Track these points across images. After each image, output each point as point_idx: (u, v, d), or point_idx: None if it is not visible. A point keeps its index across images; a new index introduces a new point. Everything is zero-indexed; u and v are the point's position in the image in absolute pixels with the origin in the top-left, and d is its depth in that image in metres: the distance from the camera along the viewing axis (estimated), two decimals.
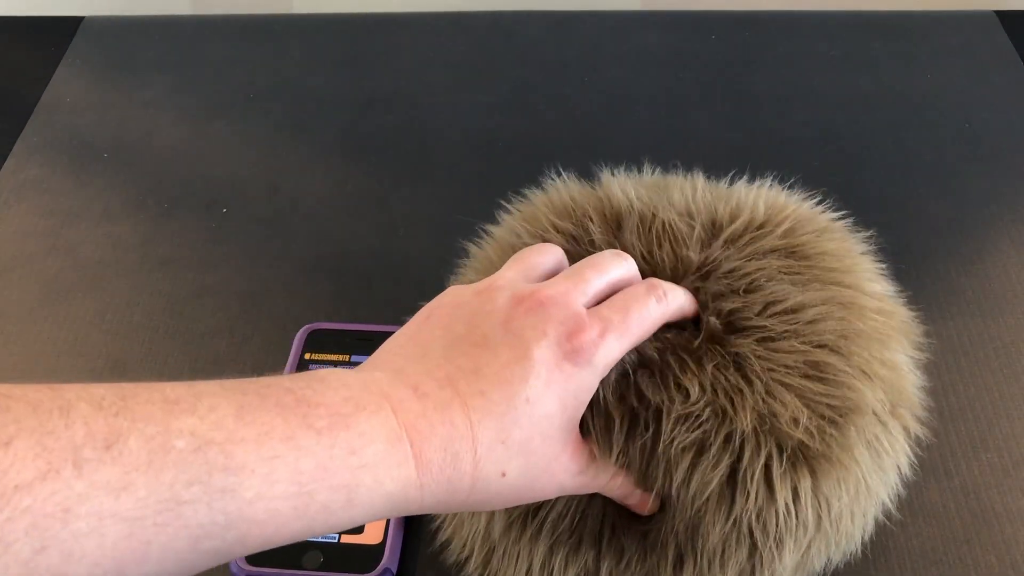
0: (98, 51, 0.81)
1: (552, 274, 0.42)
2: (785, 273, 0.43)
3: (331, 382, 0.35)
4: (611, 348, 0.39)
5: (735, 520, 0.40)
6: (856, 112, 0.73)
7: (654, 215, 0.46)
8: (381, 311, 0.60)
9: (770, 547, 0.40)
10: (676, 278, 0.44)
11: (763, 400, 0.40)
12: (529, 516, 0.43)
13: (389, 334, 0.57)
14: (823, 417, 0.40)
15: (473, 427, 0.35)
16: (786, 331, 0.41)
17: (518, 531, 0.43)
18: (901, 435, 0.44)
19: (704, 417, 0.40)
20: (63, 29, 0.83)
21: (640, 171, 0.51)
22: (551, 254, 0.44)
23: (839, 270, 0.45)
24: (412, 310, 0.59)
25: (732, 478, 0.40)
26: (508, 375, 0.36)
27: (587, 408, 0.39)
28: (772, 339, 0.41)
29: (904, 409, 0.44)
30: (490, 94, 0.76)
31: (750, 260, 0.44)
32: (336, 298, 0.61)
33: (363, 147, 0.72)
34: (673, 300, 0.41)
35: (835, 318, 0.42)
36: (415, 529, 0.50)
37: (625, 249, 0.44)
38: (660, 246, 0.45)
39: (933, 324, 0.51)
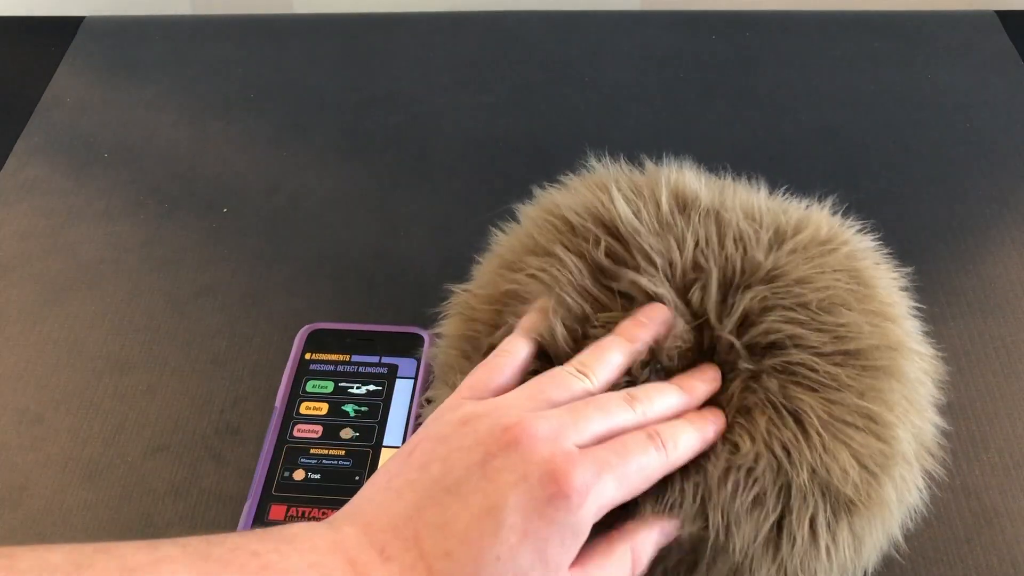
0: (98, 51, 0.81)
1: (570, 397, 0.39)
2: (854, 299, 0.43)
3: (299, 544, 0.33)
4: (607, 490, 0.35)
5: (780, 563, 0.40)
6: (856, 112, 0.73)
7: (719, 212, 0.45)
8: (381, 311, 0.60)
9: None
10: (743, 280, 0.43)
11: (821, 457, 0.40)
12: None
13: (389, 334, 0.57)
14: (868, 470, 0.40)
15: None
16: (845, 384, 0.41)
17: None
18: (920, 475, 0.44)
19: (759, 469, 0.39)
20: (63, 29, 0.83)
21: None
22: (512, 356, 0.42)
23: (891, 304, 0.45)
24: (412, 310, 0.59)
25: (779, 524, 0.40)
26: (477, 531, 0.34)
27: None
28: (835, 390, 0.41)
29: (924, 450, 0.44)
30: (490, 94, 0.76)
31: (821, 272, 0.43)
32: (336, 298, 0.61)
33: (363, 147, 0.72)
34: (674, 449, 0.38)
35: (895, 368, 0.42)
36: None
37: (685, 232, 0.43)
38: (723, 245, 0.44)
39: (933, 324, 0.51)
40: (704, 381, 0.42)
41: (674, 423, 0.39)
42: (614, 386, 0.41)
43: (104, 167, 0.71)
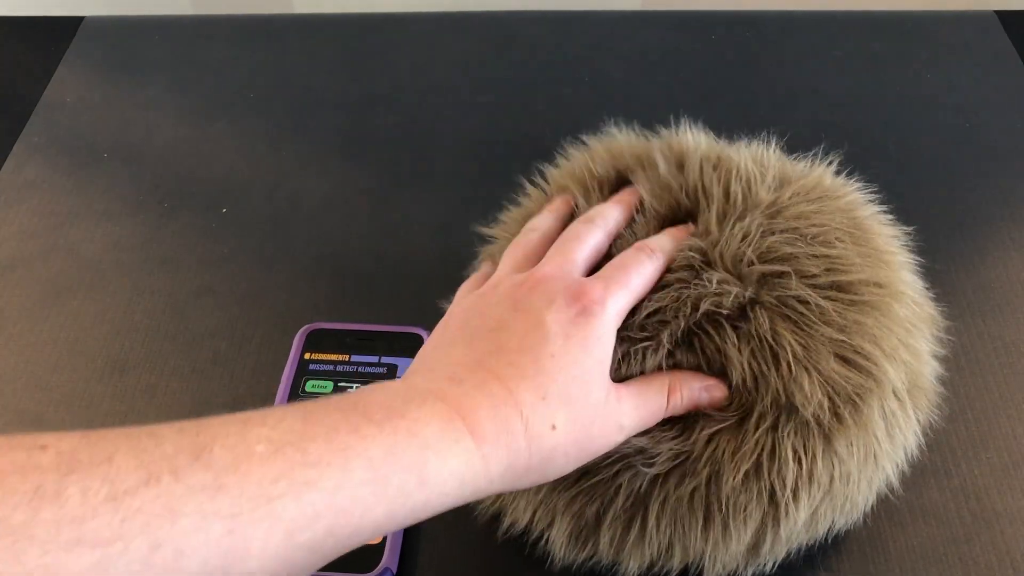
0: (98, 51, 0.81)
1: (540, 251, 0.46)
2: (850, 239, 0.45)
3: (377, 389, 0.38)
4: (618, 299, 0.42)
5: (758, 475, 0.42)
6: (856, 112, 0.73)
7: (719, 158, 0.48)
8: (381, 311, 0.60)
9: (788, 503, 0.42)
10: (744, 209, 0.46)
11: (784, 384, 0.42)
12: None
13: (389, 334, 0.57)
14: (840, 396, 0.42)
15: (512, 393, 0.38)
16: (829, 318, 0.43)
17: None
18: (913, 416, 0.45)
19: (733, 401, 0.43)
20: (63, 29, 0.83)
21: None
22: (538, 231, 0.48)
23: (889, 252, 0.47)
24: (412, 310, 0.59)
25: (756, 437, 0.42)
26: (529, 342, 0.40)
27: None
28: (817, 324, 0.43)
29: (920, 391, 0.46)
30: (490, 94, 0.76)
31: (819, 212, 0.46)
32: (336, 298, 0.61)
33: (363, 147, 0.72)
34: (660, 251, 0.45)
35: (882, 304, 0.44)
36: (415, 529, 0.50)
37: (685, 183, 0.48)
38: (727, 183, 0.47)
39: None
40: (627, 193, 0.49)
41: (654, 236, 0.46)
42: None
43: (104, 167, 0.71)
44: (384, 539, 0.48)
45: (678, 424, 0.43)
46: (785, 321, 0.43)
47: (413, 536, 0.50)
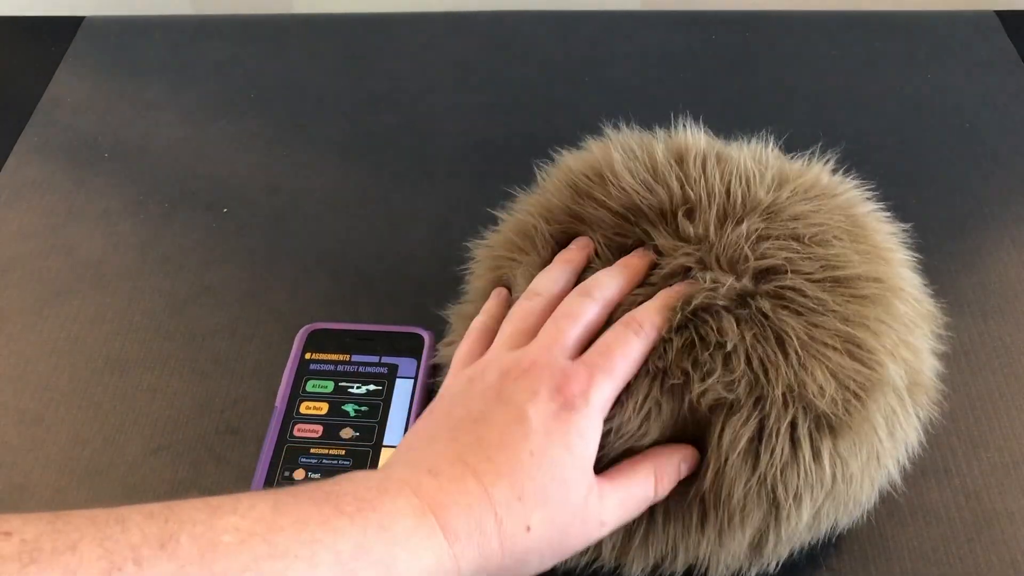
0: (98, 51, 0.81)
1: (538, 326, 0.44)
2: (848, 237, 0.45)
3: (354, 478, 0.38)
4: (603, 390, 0.41)
5: (760, 476, 0.42)
6: (856, 112, 0.73)
7: (719, 155, 0.48)
8: (381, 311, 0.60)
9: (790, 504, 0.42)
10: (743, 213, 0.46)
11: (796, 374, 0.42)
12: None
13: (389, 334, 0.57)
14: (848, 390, 0.42)
15: (487, 490, 0.37)
16: (830, 308, 0.43)
17: None
18: (914, 413, 0.46)
19: (739, 383, 0.42)
20: (63, 29, 0.83)
21: None
22: (542, 297, 0.46)
23: (888, 249, 0.47)
24: (412, 310, 0.59)
25: (759, 435, 0.42)
26: (509, 438, 0.39)
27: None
28: (820, 314, 0.43)
29: (920, 389, 0.46)
30: (490, 94, 0.76)
31: (816, 211, 0.46)
32: (336, 298, 0.61)
33: (363, 147, 0.72)
34: (651, 324, 0.43)
35: (882, 299, 0.44)
36: None
37: (686, 178, 0.47)
38: (726, 181, 0.47)
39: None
40: (636, 257, 0.47)
41: (643, 305, 0.44)
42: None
43: (104, 167, 0.71)
44: None
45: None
46: (786, 310, 0.43)
47: None
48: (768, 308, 0.43)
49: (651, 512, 0.43)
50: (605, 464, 0.42)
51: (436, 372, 0.54)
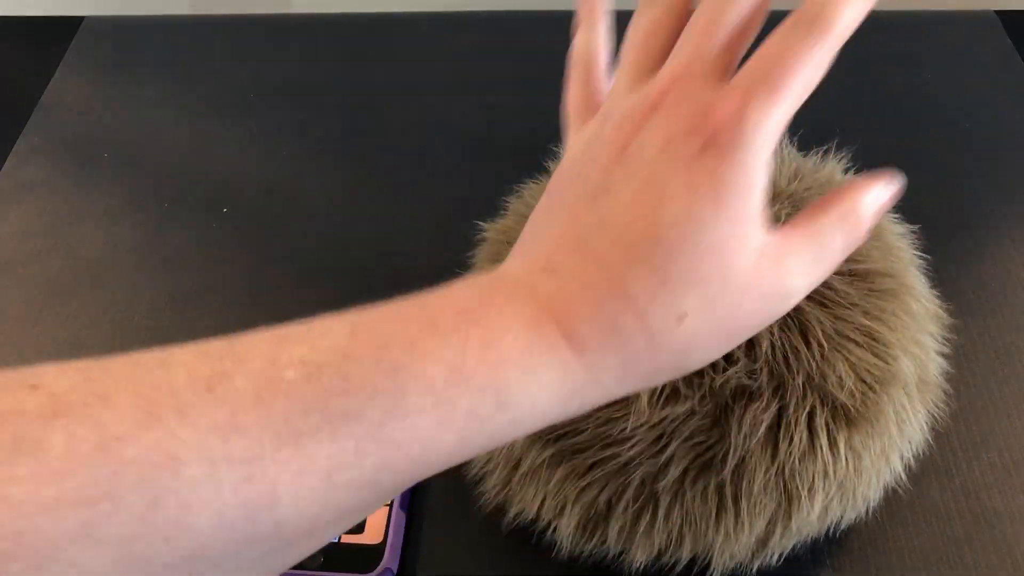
0: (98, 51, 0.81)
1: (668, 40, 0.34)
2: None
3: (460, 284, 0.31)
4: (765, 115, 0.29)
5: (779, 465, 0.42)
6: (856, 112, 0.73)
7: None
8: None
9: (803, 495, 0.42)
10: (769, 200, 0.46)
11: (817, 364, 0.42)
12: (551, 440, 0.44)
13: None
14: (865, 383, 0.43)
15: (621, 281, 0.30)
16: (853, 302, 0.44)
17: (538, 449, 0.44)
18: (921, 410, 0.46)
19: (762, 372, 0.42)
20: (63, 29, 0.83)
21: None
22: (661, 4, 0.34)
23: (900, 248, 0.48)
24: None
25: (778, 423, 0.42)
26: (638, 209, 0.30)
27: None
28: (845, 307, 0.43)
29: (926, 387, 0.46)
30: (490, 94, 0.76)
31: None
32: (336, 298, 0.61)
33: (363, 147, 0.72)
34: (840, 26, 0.30)
35: (898, 295, 0.45)
36: (415, 528, 0.50)
37: None
38: None
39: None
40: None
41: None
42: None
43: (104, 167, 0.71)
44: (384, 539, 0.48)
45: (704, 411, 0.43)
46: (811, 302, 0.43)
47: (414, 536, 0.50)
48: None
49: (658, 498, 0.43)
50: None
51: None
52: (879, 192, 0.34)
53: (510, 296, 0.30)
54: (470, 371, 0.28)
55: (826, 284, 0.43)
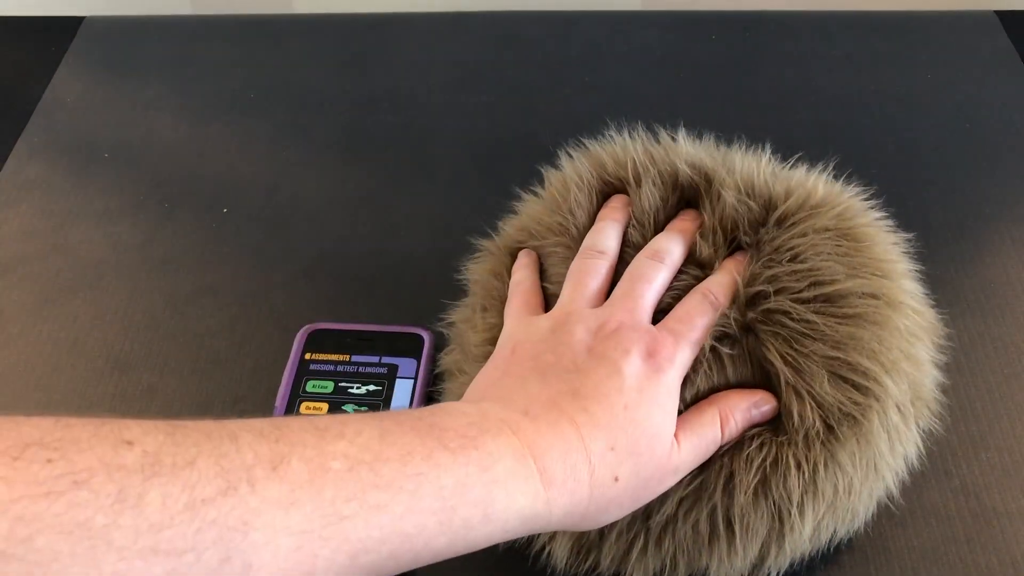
0: (98, 51, 0.81)
1: (607, 284, 0.46)
2: (836, 252, 0.45)
3: (451, 411, 0.38)
4: (685, 354, 0.43)
5: (767, 493, 0.42)
6: (856, 112, 0.73)
7: (709, 180, 0.48)
8: (381, 311, 0.60)
9: (794, 515, 0.43)
10: (728, 252, 0.47)
11: (781, 408, 0.43)
12: None
13: (389, 334, 0.57)
14: (837, 416, 0.42)
15: (583, 439, 0.38)
16: (825, 332, 0.43)
17: None
18: (915, 426, 0.46)
19: None
20: (63, 29, 0.83)
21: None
22: (605, 256, 0.47)
23: (886, 260, 0.46)
24: (412, 310, 0.59)
25: (761, 456, 0.43)
26: (605, 390, 0.40)
27: None
28: (811, 339, 0.43)
29: (921, 403, 0.46)
30: (490, 94, 0.76)
31: (801, 236, 0.46)
32: (336, 298, 0.61)
33: (363, 147, 0.72)
34: (724, 298, 0.45)
35: (878, 317, 0.44)
36: None
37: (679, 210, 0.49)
38: (721, 220, 0.47)
39: None
40: (687, 220, 0.49)
41: (714, 278, 0.46)
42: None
43: (104, 167, 0.71)
44: None
45: None
46: (776, 339, 0.43)
47: None
48: (755, 347, 0.44)
49: (649, 528, 0.43)
50: None
51: (439, 380, 0.54)
52: (742, 409, 0.43)
53: (499, 430, 0.37)
54: (471, 485, 0.35)
55: (789, 316, 0.43)
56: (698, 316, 0.44)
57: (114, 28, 0.83)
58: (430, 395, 0.54)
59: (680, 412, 0.42)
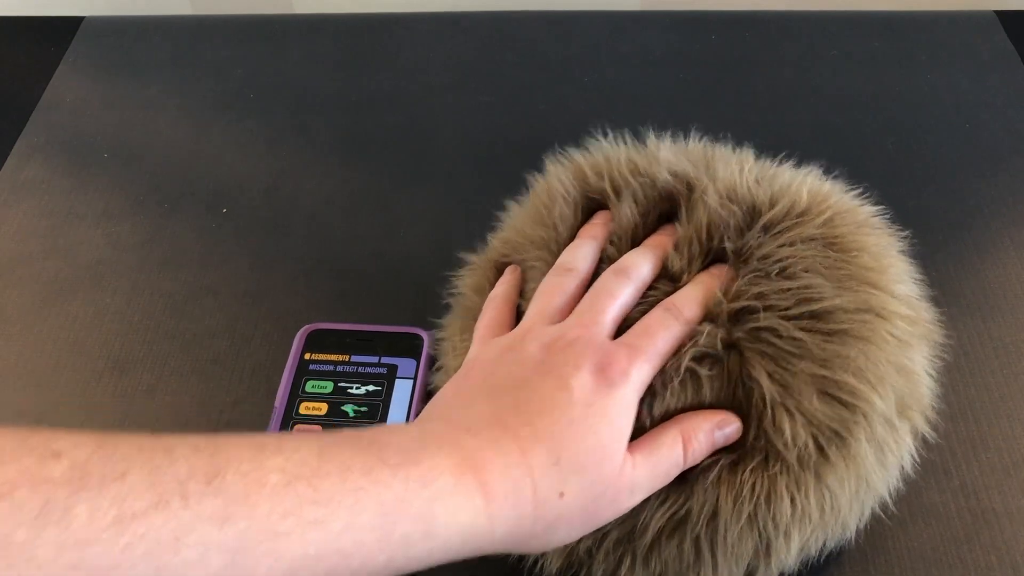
0: (98, 51, 0.81)
1: (573, 301, 0.45)
2: (822, 265, 0.44)
3: (393, 429, 0.38)
4: (642, 370, 0.41)
5: (750, 514, 0.42)
6: (856, 112, 0.73)
7: (691, 188, 0.47)
8: (381, 311, 0.60)
9: (780, 538, 0.42)
10: (712, 262, 0.46)
11: (767, 431, 0.42)
12: None
13: (389, 334, 0.57)
14: (826, 434, 0.42)
15: (525, 454, 0.37)
16: (813, 352, 0.42)
17: None
18: (908, 435, 0.45)
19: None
20: (63, 29, 0.83)
21: None
22: (574, 274, 0.46)
23: (875, 269, 0.45)
24: (412, 310, 0.59)
25: (743, 478, 0.42)
26: (550, 404, 0.39)
27: None
28: (798, 358, 0.42)
29: (914, 411, 0.45)
30: (490, 94, 0.76)
31: (788, 246, 0.44)
32: (336, 298, 0.61)
33: (363, 147, 0.72)
34: (690, 311, 0.43)
35: (865, 332, 0.42)
36: None
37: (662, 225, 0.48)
38: (699, 230, 0.46)
39: None
40: (663, 235, 0.48)
41: (682, 292, 0.44)
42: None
43: (104, 167, 0.71)
44: None
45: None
46: (762, 358, 0.42)
47: None
48: (739, 365, 0.42)
49: (635, 550, 0.43)
50: None
51: (433, 362, 0.54)
52: (705, 431, 0.42)
53: (440, 446, 0.37)
54: (411, 501, 0.34)
55: (776, 333, 0.42)
56: (660, 330, 0.42)
57: (114, 28, 0.83)
58: (430, 394, 0.54)
59: (646, 429, 0.41)
